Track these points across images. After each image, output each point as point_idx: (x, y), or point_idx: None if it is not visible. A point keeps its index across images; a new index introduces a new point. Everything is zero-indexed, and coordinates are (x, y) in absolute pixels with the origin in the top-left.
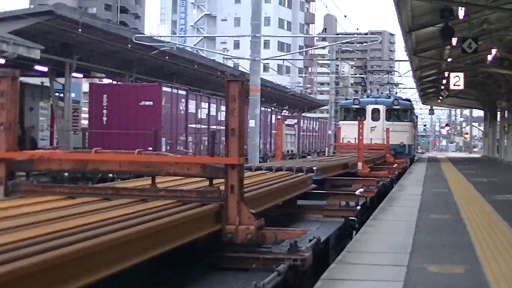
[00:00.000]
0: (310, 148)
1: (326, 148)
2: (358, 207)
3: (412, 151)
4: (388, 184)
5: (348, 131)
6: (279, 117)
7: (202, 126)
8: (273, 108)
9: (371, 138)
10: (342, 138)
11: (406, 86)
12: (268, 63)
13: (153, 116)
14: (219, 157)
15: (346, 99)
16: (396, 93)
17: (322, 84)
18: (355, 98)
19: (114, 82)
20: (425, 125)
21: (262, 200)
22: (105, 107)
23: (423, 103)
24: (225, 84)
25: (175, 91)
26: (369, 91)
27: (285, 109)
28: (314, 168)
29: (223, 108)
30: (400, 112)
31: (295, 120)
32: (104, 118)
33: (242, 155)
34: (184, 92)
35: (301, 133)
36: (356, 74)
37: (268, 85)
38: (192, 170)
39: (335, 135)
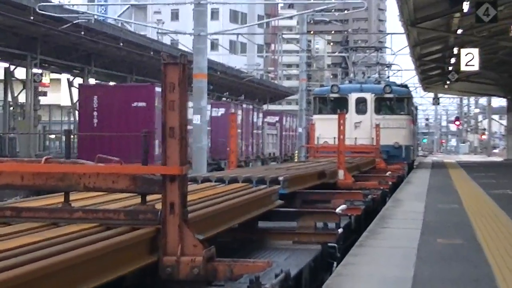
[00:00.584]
0: (293, 150)
1: (296, 152)
2: (340, 230)
3: (410, 154)
4: (379, 199)
5: (325, 128)
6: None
7: (190, 127)
8: (255, 105)
9: (355, 138)
10: (317, 137)
11: (402, 67)
12: (217, 39)
13: (146, 118)
14: (154, 166)
15: (322, 85)
16: (388, 77)
17: (289, 66)
18: (334, 85)
19: (100, 82)
20: (427, 119)
21: (212, 222)
22: (95, 109)
23: (424, 90)
24: (161, 68)
25: None
26: (352, 75)
27: (240, 100)
28: (280, 178)
29: (214, 108)
30: (394, 102)
31: (277, 118)
32: (95, 121)
33: (184, 162)
34: None
35: (284, 133)
36: (334, 52)
37: (217, 68)
38: (119, 183)
39: (307, 133)
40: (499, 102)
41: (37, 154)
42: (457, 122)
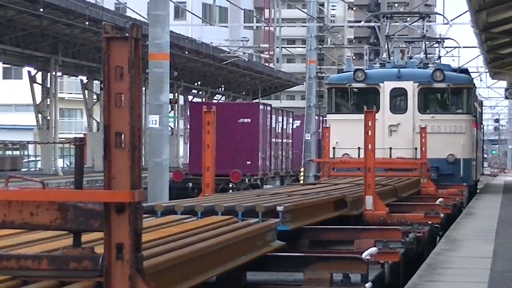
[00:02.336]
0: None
1: (302, 169)
2: (368, 285)
3: (471, 172)
4: (426, 238)
5: (345, 134)
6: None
7: (278, 140)
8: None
9: (390, 148)
10: (334, 147)
11: (459, 43)
12: (184, 3)
13: (250, 132)
14: (92, 190)
15: (340, 70)
16: (440, 57)
17: (291, 41)
18: (358, 69)
19: (214, 100)
20: (497, 121)
21: (178, 273)
22: None
23: (493, 78)
24: (103, 45)
25: (265, 107)
26: (385, 55)
27: (219, 93)
28: (279, 208)
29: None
30: (448, 94)
31: None
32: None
33: (137, 185)
34: (269, 108)
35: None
36: (359, 21)
37: (185, 45)
38: (41, 216)
39: (318, 142)
40: None
41: None
42: None
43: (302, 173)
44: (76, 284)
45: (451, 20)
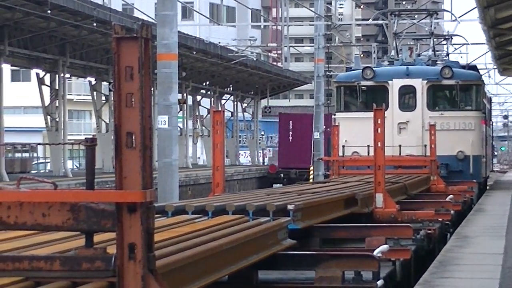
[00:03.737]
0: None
1: (311, 168)
2: (380, 282)
3: (481, 168)
4: (437, 235)
5: (354, 132)
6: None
7: None
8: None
9: (399, 146)
10: (343, 146)
11: (467, 40)
12: (192, 3)
13: (324, 137)
14: (104, 190)
15: (348, 69)
16: (448, 54)
17: (299, 41)
18: (366, 67)
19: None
20: (506, 117)
21: (190, 273)
22: (290, 130)
23: (501, 74)
24: (112, 45)
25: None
26: (393, 52)
27: (228, 93)
28: (290, 207)
29: None
30: (457, 91)
31: None
32: (290, 138)
33: (149, 185)
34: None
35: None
36: (367, 20)
37: (193, 45)
38: (53, 217)
39: (327, 140)
40: None
41: None
42: None
43: (311, 172)
44: (89, 284)
45: (459, 17)
